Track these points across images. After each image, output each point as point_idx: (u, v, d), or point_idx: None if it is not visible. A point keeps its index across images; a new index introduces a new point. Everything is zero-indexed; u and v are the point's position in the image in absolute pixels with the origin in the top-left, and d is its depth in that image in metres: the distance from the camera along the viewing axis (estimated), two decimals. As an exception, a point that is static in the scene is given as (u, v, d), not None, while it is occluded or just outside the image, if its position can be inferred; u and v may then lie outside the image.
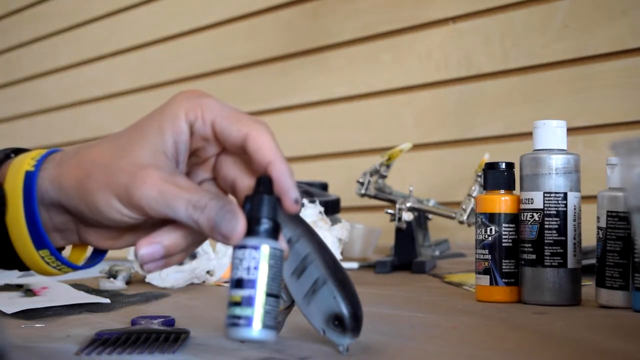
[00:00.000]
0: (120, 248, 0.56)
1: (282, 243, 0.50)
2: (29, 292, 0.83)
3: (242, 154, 0.51)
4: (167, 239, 0.50)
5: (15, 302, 0.75)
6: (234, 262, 0.49)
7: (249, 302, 0.48)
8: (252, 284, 0.48)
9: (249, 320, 0.47)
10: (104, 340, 0.57)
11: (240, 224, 0.47)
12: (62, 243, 0.55)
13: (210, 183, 0.54)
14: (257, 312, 0.47)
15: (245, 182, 0.51)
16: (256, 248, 0.48)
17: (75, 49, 2.39)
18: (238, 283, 0.48)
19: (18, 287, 0.86)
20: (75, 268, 0.55)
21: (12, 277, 0.91)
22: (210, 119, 0.50)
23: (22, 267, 0.53)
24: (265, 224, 0.49)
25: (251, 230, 0.49)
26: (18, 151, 0.54)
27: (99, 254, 0.57)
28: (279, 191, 0.49)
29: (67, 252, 0.57)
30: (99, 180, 0.49)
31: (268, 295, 0.48)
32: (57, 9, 2.46)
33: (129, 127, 0.52)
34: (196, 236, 0.51)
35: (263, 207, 0.49)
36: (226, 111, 0.50)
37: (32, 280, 0.89)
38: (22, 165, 0.51)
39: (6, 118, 2.63)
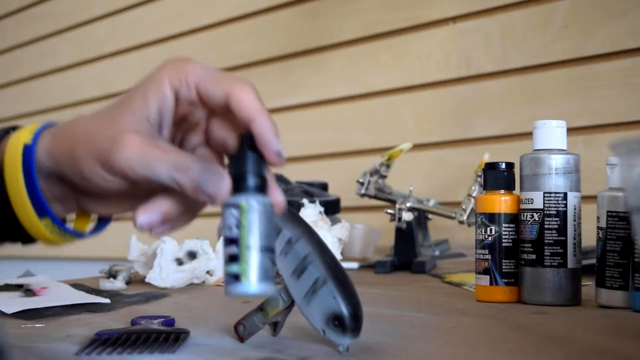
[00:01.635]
0: (122, 213, 0.56)
1: (274, 196, 0.50)
2: (29, 292, 0.83)
3: (228, 114, 0.51)
4: (163, 205, 0.50)
5: (15, 302, 0.75)
6: (223, 222, 0.49)
7: (234, 259, 0.48)
8: (236, 241, 0.48)
9: (238, 277, 0.48)
10: (104, 340, 0.57)
11: (225, 183, 0.48)
12: (64, 213, 0.56)
13: (203, 148, 0.54)
14: (244, 267, 0.47)
15: (235, 142, 0.51)
16: (237, 206, 0.48)
17: (75, 49, 2.39)
18: (227, 242, 0.48)
19: (18, 287, 0.86)
20: (80, 236, 0.56)
21: (12, 277, 0.91)
22: (194, 82, 0.50)
23: (27, 238, 0.54)
24: (247, 180, 0.49)
25: (235, 189, 0.49)
26: (17, 128, 0.55)
27: (104, 222, 0.58)
28: (261, 146, 0.49)
29: (72, 225, 0.57)
30: (84, 148, 0.51)
31: (257, 250, 0.48)
32: (57, 9, 2.46)
33: (117, 98, 0.53)
34: (190, 200, 0.51)
35: (244, 164, 0.49)
36: (209, 73, 0.51)
37: (32, 280, 0.90)
38: (20, 138, 0.52)
39: (6, 118, 2.63)
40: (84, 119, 0.53)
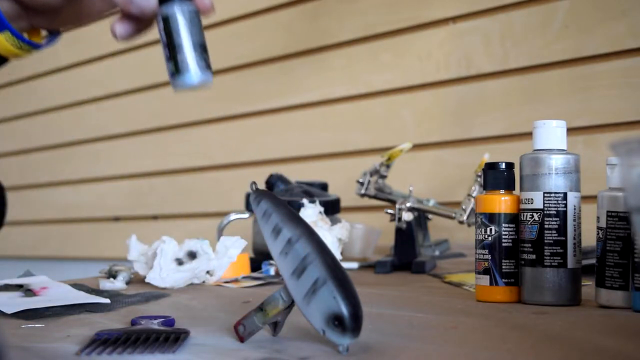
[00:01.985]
0: (66, 29, 0.70)
1: (198, 1, 0.59)
2: (29, 292, 0.83)
3: None
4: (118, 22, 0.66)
5: (15, 302, 0.75)
6: (159, 33, 0.59)
7: (169, 59, 0.58)
8: (167, 45, 0.58)
9: (175, 73, 0.58)
10: (104, 340, 0.57)
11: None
12: (17, 28, 0.67)
13: None
14: (177, 63, 0.58)
15: None
16: (162, 16, 0.59)
17: (75, 49, 2.39)
18: (163, 49, 0.58)
19: (18, 287, 0.86)
20: (36, 46, 0.67)
21: (12, 277, 0.91)
22: None
23: None
24: None
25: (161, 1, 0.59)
26: None
27: (54, 35, 0.71)
28: None
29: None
30: None
31: (188, 47, 0.57)
32: (57, 9, 2.46)
33: None
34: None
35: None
36: None
37: (32, 280, 0.90)
38: None
39: (6, 118, 2.63)
40: None
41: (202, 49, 0.57)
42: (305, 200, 1.03)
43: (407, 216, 1.10)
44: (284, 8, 1.80)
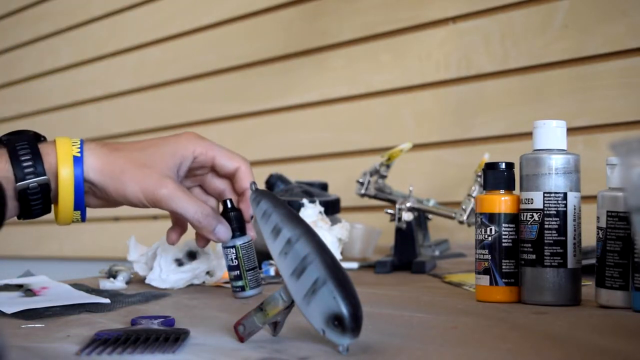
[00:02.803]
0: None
1: (250, 233, 0.82)
2: (29, 292, 0.83)
3: (228, 177, 0.83)
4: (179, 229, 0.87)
5: (15, 302, 0.75)
6: (225, 256, 0.83)
7: (239, 277, 0.82)
8: (237, 267, 0.82)
9: (242, 288, 0.82)
10: (103, 340, 0.57)
11: (228, 232, 0.80)
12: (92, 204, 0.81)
13: (197, 189, 0.85)
14: (244, 282, 0.82)
15: (228, 194, 0.83)
16: (233, 247, 0.82)
17: (75, 49, 2.39)
18: (231, 268, 0.82)
19: (18, 287, 0.86)
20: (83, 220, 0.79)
21: (12, 277, 0.91)
22: (212, 155, 0.80)
23: (41, 213, 0.76)
24: (234, 231, 0.81)
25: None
26: (36, 135, 0.78)
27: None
28: (244, 209, 0.82)
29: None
30: (132, 178, 0.75)
31: (247, 270, 0.82)
32: (57, 9, 2.46)
33: (148, 141, 0.79)
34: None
35: (232, 221, 0.81)
36: (223, 151, 0.81)
37: (32, 280, 0.89)
38: (68, 149, 0.76)
39: (6, 118, 2.63)
40: (127, 152, 0.77)
41: (254, 272, 0.82)
42: (305, 200, 1.03)
43: (407, 216, 1.10)
44: (284, 8, 1.80)
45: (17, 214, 0.74)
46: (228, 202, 0.81)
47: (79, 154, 0.75)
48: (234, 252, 0.82)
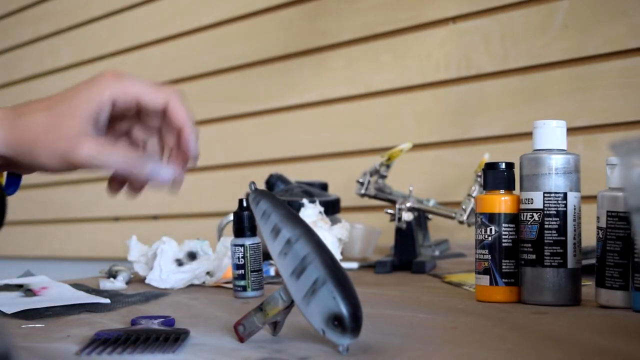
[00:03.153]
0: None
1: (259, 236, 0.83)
2: (29, 292, 0.83)
3: (160, 116, 0.69)
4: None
5: (15, 302, 0.75)
6: (231, 253, 0.85)
7: (242, 277, 0.84)
8: (242, 266, 0.84)
9: (244, 288, 0.84)
10: (103, 340, 0.57)
11: (169, 170, 0.67)
12: None
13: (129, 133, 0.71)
14: (247, 282, 0.84)
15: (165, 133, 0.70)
16: (241, 245, 0.84)
17: (75, 49, 2.39)
18: (236, 266, 0.84)
19: (18, 287, 0.86)
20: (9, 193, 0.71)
21: (12, 277, 0.91)
22: (135, 94, 0.67)
23: None
24: (244, 229, 0.85)
25: (239, 233, 0.85)
26: None
27: (14, 181, 0.73)
28: (184, 147, 0.68)
29: None
30: (45, 145, 0.65)
31: (252, 271, 0.84)
32: (57, 9, 2.46)
33: (58, 95, 0.67)
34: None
35: (243, 219, 0.84)
36: (146, 87, 0.67)
37: (32, 280, 0.90)
38: None
39: (6, 118, 2.62)
40: (34, 115, 0.66)
41: (260, 274, 0.84)
42: (305, 200, 1.03)
43: (407, 216, 1.10)
44: (284, 8, 1.80)
45: None
46: (244, 200, 0.85)
47: None
48: (242, 250, 0.83)
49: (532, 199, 0.73)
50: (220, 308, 0.76)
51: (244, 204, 0.85)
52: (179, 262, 0.93)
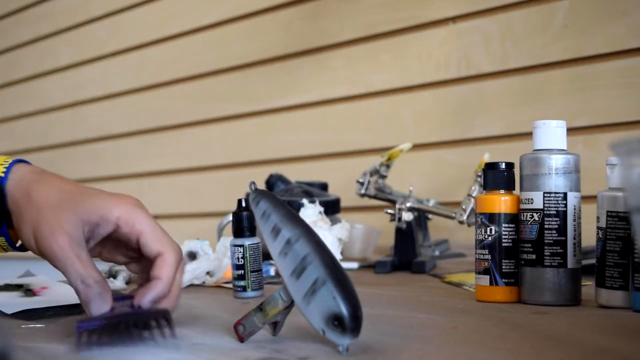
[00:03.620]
0: None
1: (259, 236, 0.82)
2: (29, 292, 0.83)
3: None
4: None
5: (15, 302, 0.75)
6: (231, 254, 0.85)
7: (242, 277, 0.84)
8: (242, 266, 0.84)
9: (244, 288, 0.84)
10: (94, 331, 0.57)
11: (104, 309, 0.60)
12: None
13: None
14: (247, 282, 0.84)
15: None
16: (241, 245, 0.84)
17: (75, 49, 2.39)
18: (236, 266, 0.84)
19: (18, 287, 0.86)
20: (15, 248, 0.69)
21: (12, 277, 0.91)
22: (138, 231, 0.63)
23: None
24: (244, 230, 0.84)
25: (239, 234, 0.85)
26: None
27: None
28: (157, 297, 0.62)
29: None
30: (31, 217, 0.63)
31: (252, 271, 0.84)
32: (57, 9, 2.46)
33: (76, 190, 0.65)
34: None
35: (242, 220, 0.83)
36: (153, 230, 0.64)
37: (32, 280, 0.89)
38: None
39: (6, 118, 2.63)
40: (44, 193, 0.64)
41: (260, 274, 0.84)
42: (305, 200, 1.03)
43: (407, 216, 1.10)
44: (284, 8, 1.80)
45: None
46: (243, 201, 0.84)
47: (3, 175, 0.66)
48: (242, 251, 0.83)
49: (532, 199, 0.73)
50: (220, 308, 0.76)
51: (243, 204, 0.85)
52: (179, 262, 0.93)
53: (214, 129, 1.94)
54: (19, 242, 0.67)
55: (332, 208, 1.16)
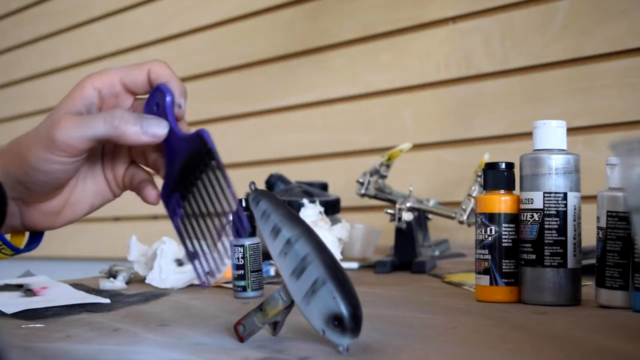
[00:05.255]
0: (59, 227, 0.68)
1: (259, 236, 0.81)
2: (29, 292, 0.83)
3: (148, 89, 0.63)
4: (143, 178, 0.68)
5: (15, 302, 0.75)
6: (231, 254, 0.84)
7: (242, 277, 0.84)
8: (242, 266, 0.84)
9: (244, 288, 0.84)
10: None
11: (164, 123, 0.60)
12: (4, 230, 0.64)
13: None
14: (247, 282, 0.84)
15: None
16: (241, 245, 0.84)
17: (75, 49, 2.39)
18: (236, 267, 0.84)
19: (18, 287, 0.86)
20: (17, 251, 0.65)
21: (12, 277, 0.91)
22: (117, 79, 0.62)
23: None
24: (245, 230, 0.77)
25: (239, 234, 0.80)
26: None
27: (36, 239, 0.68)
28: (173, 97, 0.61)
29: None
30: (29, 145, 0.61)
31: (252, 271, 0.84)
32: (57, 9, 2.46)
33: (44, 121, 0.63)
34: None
35: (243, 220, 0.69)
36: (126, 67, 0.63)
37: (32, 280, 0.89)
38: None
39: (6, 118, 2.63)
40: (25, 134, 0.63)
41: (260, 274, 0.84)
42: (305, 200, 1.03)
43: (407, 216, 1.10)
44: (284, 8, 1.80)
45: None
46: (242, 201, 0.84)
47: None
48: (242, 251, 0.83)
49: (532, 199, 0.73)
50: (220, 308, 0.76)
51: (243, 204, 0.85)
52: (179, 262, 0.93)
53: (214, 129, 1.94)
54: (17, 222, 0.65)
55: (332, 208, 1.16)
